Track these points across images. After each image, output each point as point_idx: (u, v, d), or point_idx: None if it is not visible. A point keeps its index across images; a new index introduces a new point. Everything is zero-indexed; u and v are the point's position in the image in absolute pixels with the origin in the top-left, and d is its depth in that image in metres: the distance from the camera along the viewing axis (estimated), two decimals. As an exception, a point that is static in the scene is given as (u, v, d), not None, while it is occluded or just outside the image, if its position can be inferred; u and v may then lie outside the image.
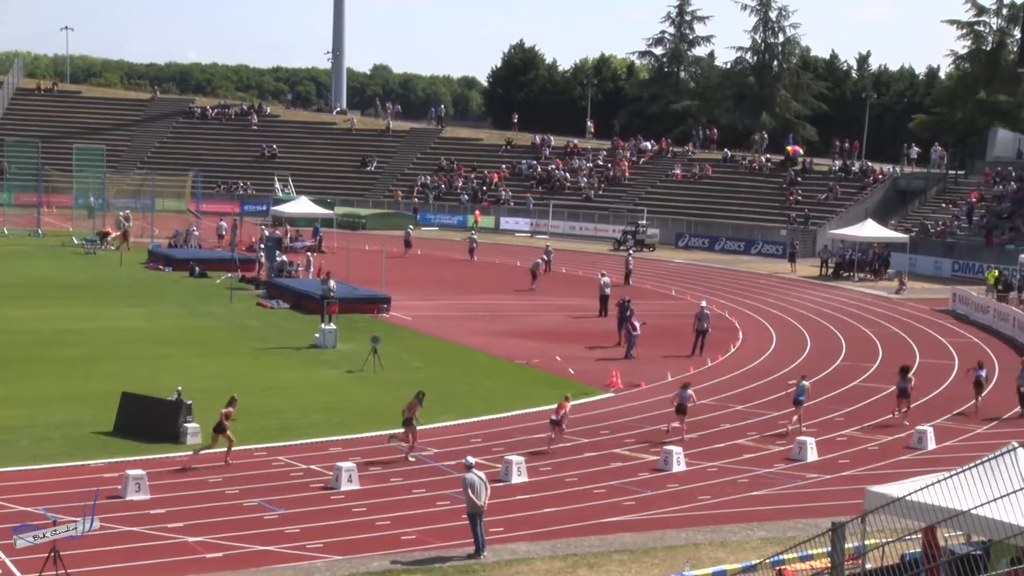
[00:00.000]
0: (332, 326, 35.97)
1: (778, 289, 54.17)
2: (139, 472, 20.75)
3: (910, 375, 27.76)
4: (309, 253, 52.90)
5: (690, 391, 26.44)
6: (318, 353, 34.28)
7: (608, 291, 43.91)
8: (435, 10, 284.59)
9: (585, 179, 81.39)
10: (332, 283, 39.65)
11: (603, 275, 45.41)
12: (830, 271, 59.73)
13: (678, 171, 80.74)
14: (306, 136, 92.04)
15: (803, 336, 40.92)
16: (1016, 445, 14.14)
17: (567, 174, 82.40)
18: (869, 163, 76.47)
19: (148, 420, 24.34)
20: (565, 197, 79.64)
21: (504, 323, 41.43)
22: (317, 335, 35.51)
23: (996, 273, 50.94)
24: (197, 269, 50.61)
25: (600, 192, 79.91)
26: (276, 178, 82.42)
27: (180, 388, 25.02)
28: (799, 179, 75.97)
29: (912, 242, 60.58)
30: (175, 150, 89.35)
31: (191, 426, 24.25)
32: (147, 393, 25.51)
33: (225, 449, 22.67)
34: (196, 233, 58.78)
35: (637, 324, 36.33)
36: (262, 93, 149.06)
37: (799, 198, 73.26)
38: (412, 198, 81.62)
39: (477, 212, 77.19)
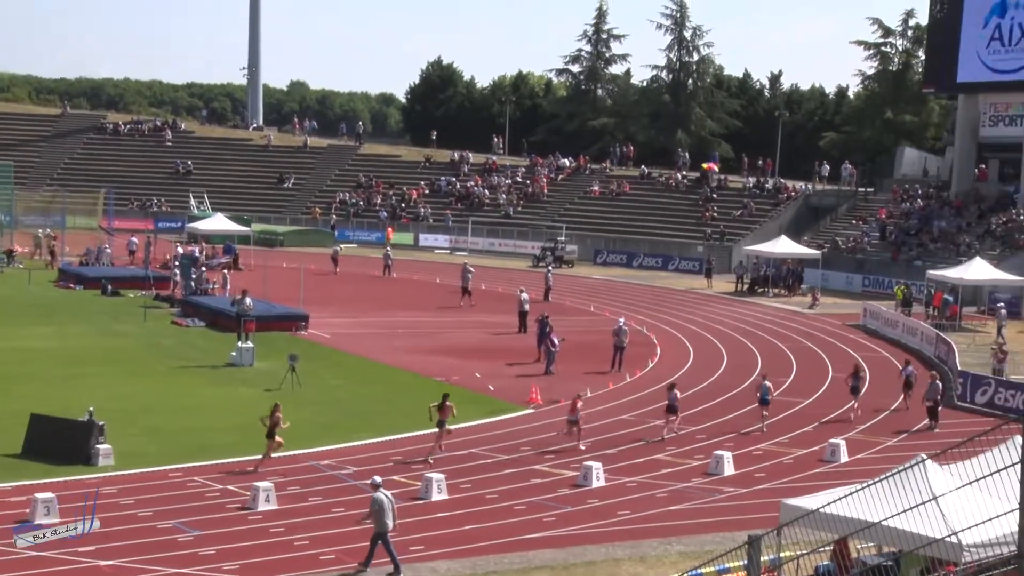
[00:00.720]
0: (249, 344, 35.50)
1: (695, 305, 54.80)
2: (48, 495, 20.26)
3: (675, 390, 28.50)
4: (225, 271, 52.19)
5: (676, 391, 28.70)
6: (235, 372, 33.82)
7: (527, 307, 44.02)
8: (352, 26, 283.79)
9: (504, 196, 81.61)
10: (248, 301, 39.13)
11: (522, 291, 45.54)
12: (745, 287, 60.60)
13: (596, 188, 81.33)
14: (222, 152, 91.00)
15: (719, 351, 41.41)
16: (924, 457, 14.46)
17: (486, 191, 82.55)
18: (782, 180, 77.83)
19: (58, 442, 23.78)
20: (484, 214, 79.75)
21: (424, 340, 41.35)
22: (234, 353, 35.02)
23: (904, 288, 52.14)
24: (109, 287, 49.67)
25: (519, 209, 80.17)
26: (191, 195, 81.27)
27: (92, 409, 24.48)
28: (714, 196, 77.00)
29: (824, 258, 61.73)
30: (86, 166, 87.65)
31: (103, 447, 23.74)
32: (57, 414, 24.93)
33: (275, 454, 23.71)
34: (108, 251, 57.69)
35: (556, 340, 36.47)
36: (176, 109, 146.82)
37: (715, 215, 74.24)
38: (331, 215, 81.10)
39: (390, 229, 76.87)
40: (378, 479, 19.09)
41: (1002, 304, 48.01)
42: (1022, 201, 63.00)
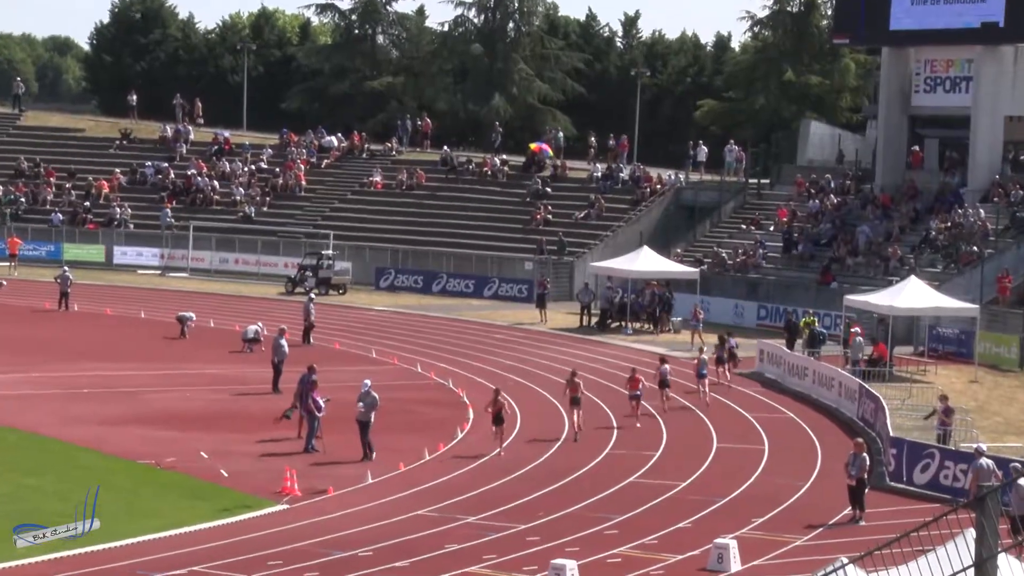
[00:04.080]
0: None
1: (522, 346, 55.33)
2: None
3: (667, 364, 37.78)
4: None
5: (668, 365, 40.68)
6: None
7: (284, 353, 43.57)
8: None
9: (242, 190, 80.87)
10: None
11: (281, 332, 44.94)
12: (593, 320, 61.59)
13: (378, 179, 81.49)
14: None
15: (558, 413, 41.84)
16: (846, 562, 14.73)
17: (215, 182, 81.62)
18: (643, 168, 79.57)
19: None
20: (213, 216, 78.89)
21: (122, 404, 40.79)
22: None
23: (811, 321, 53.68)
24: None
25: (265, 209, 79.59)
26: None
27: None
28: (548, 190, 78.13)
29: (704, 278, 63.32)
30: None
31: None
32: None
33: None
34: None
35: (321, 401, 36.15)
36: None
37: (549, 217, 75.33)
38: (-25, 218, 78.75)
39: (13, 240, 73.81)
40: None
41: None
42: (969, 198, 65.05)
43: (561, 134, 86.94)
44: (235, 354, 50.48)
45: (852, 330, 49.61)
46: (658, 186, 76.58)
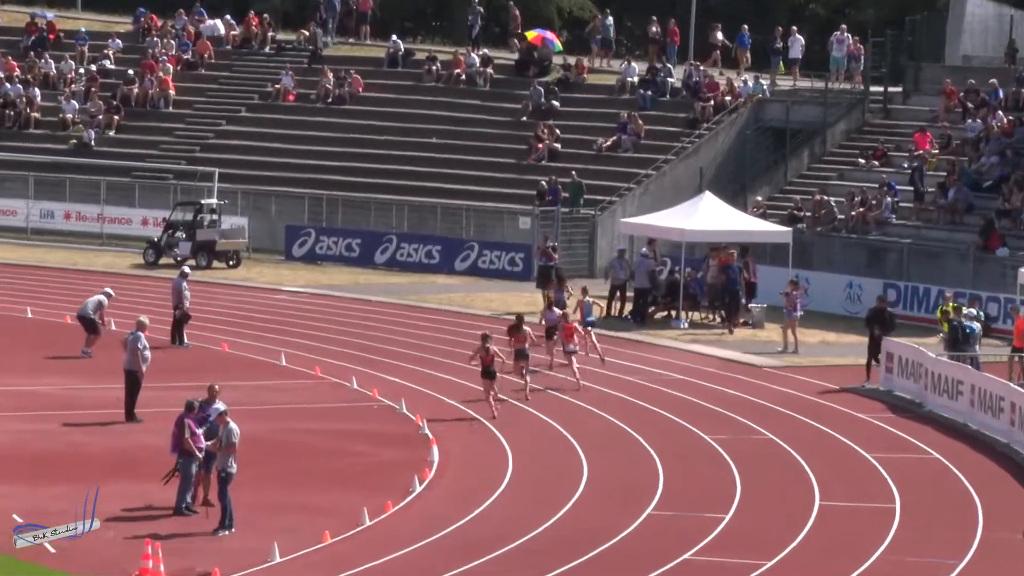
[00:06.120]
0: None
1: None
2: None
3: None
4: None
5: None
6: None
7: (145, 358, 43.34)
8: None
9: (75, 104, 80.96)
10: None
11: (139, 328, 44.69)
12: (626, 309, 61.34)
13: (289, 85, 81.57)
14: None
15: (575, 454, 41.71)
16: None
17: (33, 92, 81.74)
18: (703, 69, 79.39)
19: None
20: (30, 145, 79.62)
21: None
22: None
23: (951, 308, 53.30)
24: None
25: (112, 134, 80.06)
26: None
27: None
28: (555, 105, 77.88)
29: (799, 241, 63.26)
30: None
31: None
32: None
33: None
34: None
35: (202, 436, 36.01)
36: None
37: (557, 147, 75.10)
38: None
39: None
40: None
41: None
42: None
43: (611, 20, 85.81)
44: (63, 360, 50.47)
45: None
46: (727, 98, 76.37)
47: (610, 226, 68.78)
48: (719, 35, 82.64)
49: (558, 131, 75.64)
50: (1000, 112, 69.45)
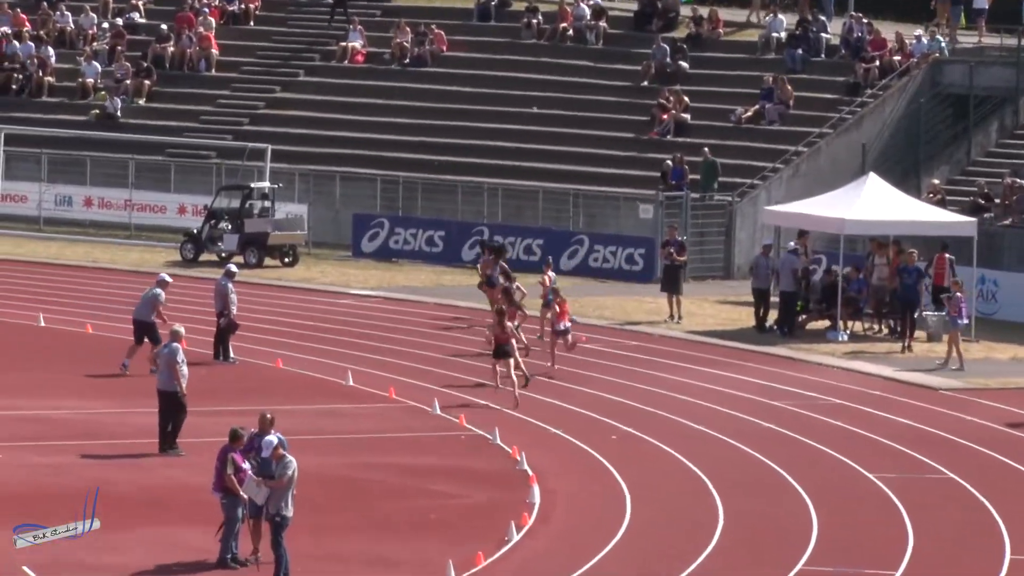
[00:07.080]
0: None
1: (634, 369, 56.01)
2: None
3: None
4: None
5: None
6: None
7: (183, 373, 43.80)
8: None
9: (98, 67, 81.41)
10: None
11: (174, 338, 45.12)
12: (772, 319, 61.35)
13: (357, 44, 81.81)
14: None
15: (710, 498, 41.83)
16: None
17: (47, 51, 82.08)
18: (866, 22, 79.17)
19: None
20: (44, 115, 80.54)
21: None
22: None
23: None
24: None
25: (142, 103, 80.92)
26: None
27: None
28: (683, 66, 78.23)
29: (985, 234, 63.13)
30: None
31: None
32: None
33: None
34: None
35: (250, 470, 36.27)
36: None
37: (686, 118, 75.42)
38: None
39: None
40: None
41: None
42: None
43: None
44: (83, 378, 50.96)
45: None
46: (896, 58, 76.33)
47: (751, 216, 68.95)
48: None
49: (687, 99, 75.88)
50: None
